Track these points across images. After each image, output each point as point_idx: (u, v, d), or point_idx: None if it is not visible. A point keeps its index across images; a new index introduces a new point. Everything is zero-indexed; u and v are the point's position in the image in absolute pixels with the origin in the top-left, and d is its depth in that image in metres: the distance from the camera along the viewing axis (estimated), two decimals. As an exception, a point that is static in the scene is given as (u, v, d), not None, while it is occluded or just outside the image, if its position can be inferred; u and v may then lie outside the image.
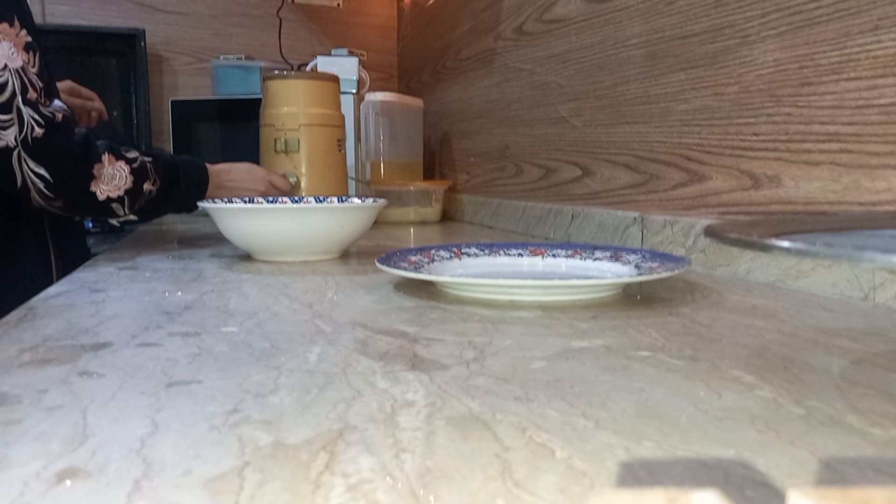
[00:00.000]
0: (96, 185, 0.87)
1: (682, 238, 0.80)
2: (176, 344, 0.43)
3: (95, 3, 1.93)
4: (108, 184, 0.87)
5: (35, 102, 0.81)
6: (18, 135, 0.80)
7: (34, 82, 0.82)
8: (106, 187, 0.87)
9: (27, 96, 0.81)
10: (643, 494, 0.16)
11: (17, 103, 0.80)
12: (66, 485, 0.24)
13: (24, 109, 0.80)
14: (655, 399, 0.32)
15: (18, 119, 0.80)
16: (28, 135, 0.80)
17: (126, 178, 0.89)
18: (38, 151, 0.81)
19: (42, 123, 0.81)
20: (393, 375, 0.36)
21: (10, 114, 0.79)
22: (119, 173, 0.88)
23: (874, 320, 0.50)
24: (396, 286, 0.64)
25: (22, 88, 0.80)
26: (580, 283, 0.55)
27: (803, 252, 0.26)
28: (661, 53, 0.85)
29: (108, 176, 0.87)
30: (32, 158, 0.81)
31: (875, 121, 0.58)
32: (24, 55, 0.82)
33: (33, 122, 0.81)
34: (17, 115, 0.80)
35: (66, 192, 0.85)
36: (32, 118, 0.81)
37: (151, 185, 0.92)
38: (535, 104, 1.21)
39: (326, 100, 1.20)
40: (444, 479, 0.24)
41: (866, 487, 0.22)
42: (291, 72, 1.21)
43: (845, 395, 0.33)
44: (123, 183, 0.88)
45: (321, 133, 1.19)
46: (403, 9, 2.13)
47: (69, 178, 0.84)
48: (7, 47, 0.80)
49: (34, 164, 0.82)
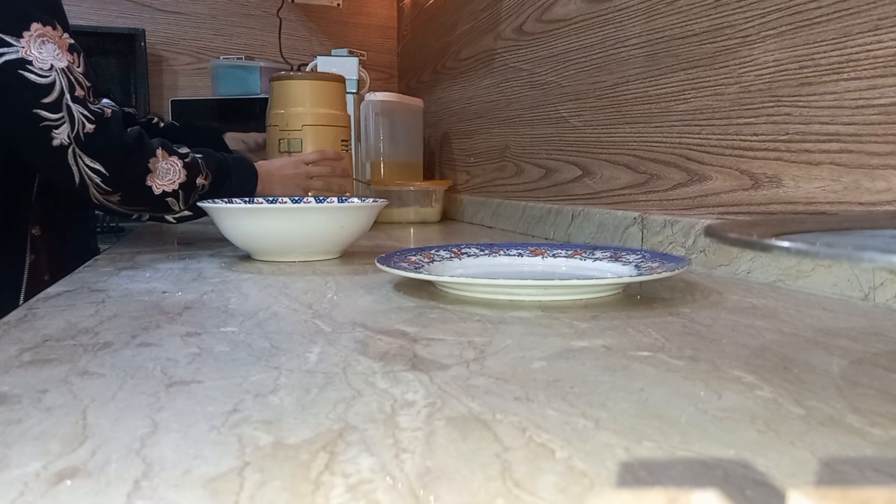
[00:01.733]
0: (151, 180, 0.88)
1: (682, 238, 0.80)
2: (176, 344, 0.43)
3: (95, 3, 1.93)
4: (163, 178, 0.89)
5: (83, 100, 0.83)
6: (70, 132, 0.82)
7: (81, 81, 0.83)
8: (161, 181, 0.89)
9: (75, 94, 0.82)
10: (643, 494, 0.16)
11: (66, 101, 0.81)
12: (66, 485, 0.24)
13: (74, 107, 0.82)
14: (655, 399, 0.32)
15: (69, 116, 0.82)
16: (80, 131, 0.82)
17: (179, 171, 0.90)
18: (92, 146, 0.83)
19: (92, 119, 0.83)
20: (393, 375, 0.36)
21: (61, 112, 0.81)
22: (173, 167, 0.90)
23: (874, 320, 0.50)
24: (396, 286, 0.64)
25: (70, 87, 0.82)
26: (580, 283, 0.55)
27: (803, 252, 0.26)
28: (661, 53, 0.85)
29: (162, 170, 0.89)
30: (86, 154, 0.83)
31: (875, 121, 0.58)
32: (68, 56, 0.83)
33: (83, 119, 0.82)
34: (68, 113, 0.81)
35: (123, 184, 0.87)
36: (82, 115, 0.82)
37: (204, 180, 0.93)
38: (535, 104, 1.21)
39: (331, 100, 1.20)
40: (444, 479, 0.24)
41: (866, 487, 0.22)
42: (298, 72, 1.22)
43: (845, 395, 0.33)
44: (177, 177, 0.90)
45: (326, 133, 1.19)
46: (403, 9, 2.13)
47: (124, 170, 0.86)
48: (52, 49, 0.82)
49: (89, 159, 0.83)
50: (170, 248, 0.97)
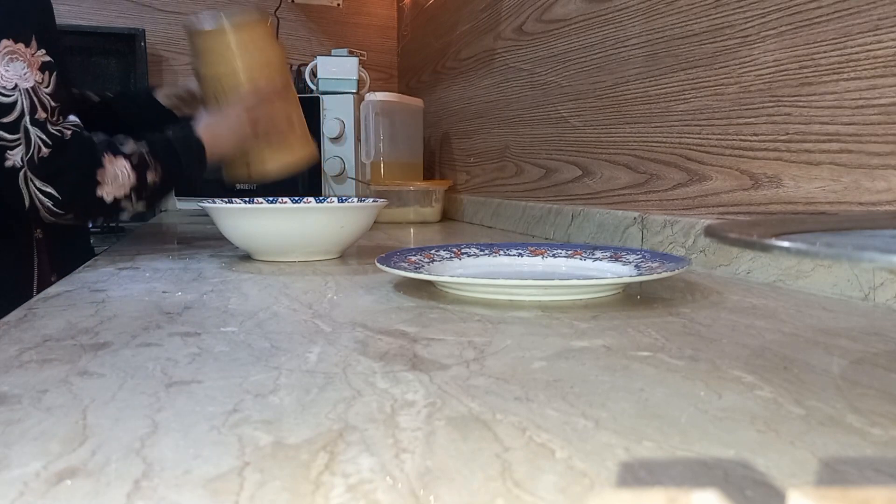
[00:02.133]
0: (102, 190, 0.86)
1: (682, 238, 0.80)
2: (176, 344, 0.43)
3: (95, 3, 1.93)
4: (113, 184, 0.86)
5: (44, 122, 0.81)
6: (25, 155, 0.80)
7: (45, 102, 0.81)
8: (111, 189, 0.86)
9: (35, 116, 0.80)
10: (643, 494, 0.16)
11: (25, 123, 0.80)
12: (66, 485, 0.24)
13: (32, 129, 0.80)
14: (655, 399, 0.32)
15: (25, 139, 0.80)
16: (35, 154, 0.80)
17: (129, 174, 0.87)
18: (45, 171, 0.81)
19: (49, 144, 0.81)
20: (393, 375, 0.36)
21: (18, 134, 0.79)
22: (121, 173, 0.87)
23: (874, 320, 0.50)
24: (396, 286, 0.64)
25: (31, 108, 0.80)
26: (580, 283, 0.55)
27: (803, 252, 0.26)
28: (661, 53, 0.85)
29: (111, 177, 0.86)
30: (38, 178, 0.81)
31: (875, 121, 0.58)
32: (38, 75, 0.81)
33: (40, 142, 0.80)
34: (25, 135, 0.80)
35: (75, 206, 0.84)
36: (39, 138, 0.80)
37: (155, 176, 0.90)
38: (535, 104, 1.21)
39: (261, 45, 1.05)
40: (444, 479, 0.24)
41: (866, 487, 0.22)
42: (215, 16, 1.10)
43: (845, 395, 0.33)
44: (127, 180, 0.87)
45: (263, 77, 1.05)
46: (403, 9, 2.13)
47: (76, 192, 0.84)
48: (20, 67, 0.80)
49: (40, 182, 0.81)
50: (170, 248, 0.97)
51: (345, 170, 1.60)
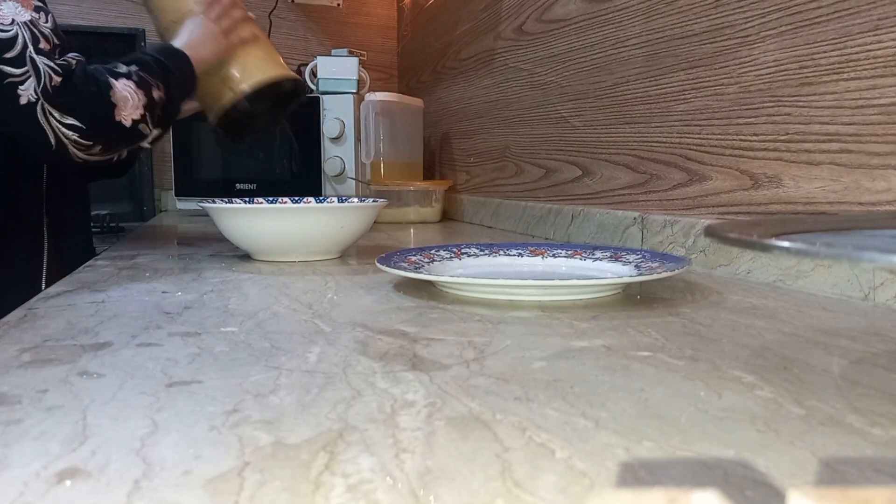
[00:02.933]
0: (119, 114, 0.83)
1: (682, 238, 0.80)
2: (176, 344, 0.43)
3: (95, 3, 1.93)
4: (126, 107, 0.83)
5: (50, 52, 0.78)
6: (37, 86, 0.76)
7: (46, 34, 0.79)
8: (126, 112, 0.83)
9: (39, 46, 0.77)
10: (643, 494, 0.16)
11: (30, 54, 0.76)
12: (66, 485, 0.24)
13: (39, 59, 0.77)
14: (655, 399, 0.32)
15: (34, 69, 0.76)
16: (47, 84, 0.77)
17: (136, 94, 0.84)
18: (62, 100, 0.78)
19: (59, 71, 0.78)
20: (393, 375, 0.36)
21: (25, 66, 0.76)
22: (129, 92, 0.84)
23: (874, 320, 0.50)
24: (396, 286, 0.64)
25: (33, 39, 0.77)
26: (580, 283, 0.55)
27: (803, 252, 0.26)
28: (661, 53, 0.85)
29: (122, 100, 0.83)
30: (57, 109, 0.78)
31: (875, 121, 0.58)
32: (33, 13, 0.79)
33: (50, 71, 0.77)
34: (33, 66, 0.76)
35: (100, 133, 0.81)
36: (48, 66, 0.77)
37: (159, 91, 0.87)
38: (535, 104, 1.21)
39: None
40: (444, 479, 0.24)
41: (866, 487, 0.22)
42: None
43: (845, 395, 0.33)
44: (138, 100, 0.84)
45: None
46: (403, 9, 2.13)
47: (98, 118, 0.81)
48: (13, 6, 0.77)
49: (60, 114, 0.78)
50: (170, 248, 0.97)
51: (345, 170, 1.60)
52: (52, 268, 1.00)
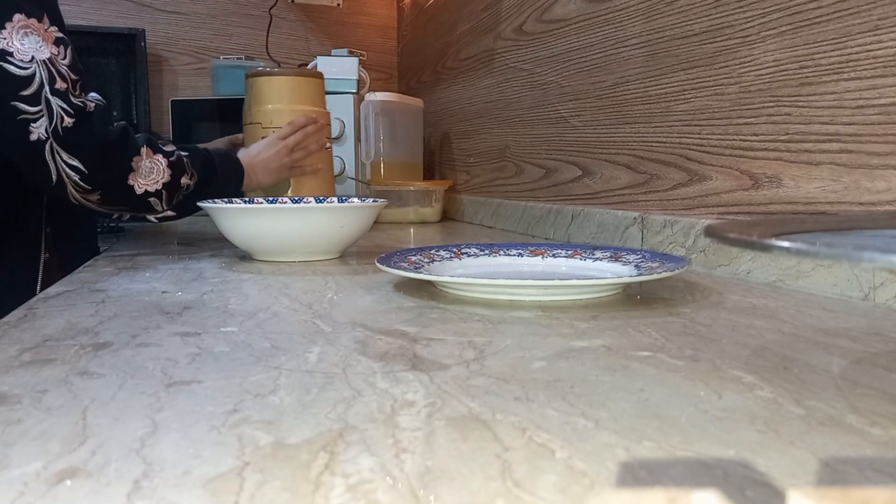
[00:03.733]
0: (134, 179, 0.85)
1: (682, 238, 0.80)
2: (176, 344, 0.43)
3: (95, 3, 1.93)
4: (146, 177, 0.86)
5: (65, 92, 0.80)
6: (49, 125, 0.78)
7: (63, 73, 0.80)
8: (144, 181, 0.86)
9: (55, 86, 0.79)
10: (643, 494, 0.16)
11: (45, 94, 0.78)
12: (66, 485, 0.24)
13: (53, 100, 0.79)
14: (655, 399, 0.32)
15: (48, 109, 0.78)
16: (58, 125, 0.79)
17: (164, 171, 0.87)
18: (70, 141, 0.80)
19: (72, 113, 0.80)
20: (393, 375, 0.36)
21: (39, 105, 0.78)
22: (157, 166, 0.87)
23: (874, 320, 0.50)
24: (396, 286, 0.64)
25: (49, 79, 0.79)
26: (580, 283, 0.55)
27: (803, 252, 0.26)
28: (661, 53, 0.85)
29: (145, 169, 0.86)
30: (64, 149, 0.80)
31: (875, 121, 0.58)
32: (53, 48, 0.80)
33: (62, 113, 0.79)
34: (46, 106, 0.78)
35: (103, 183, 0.83)
36: (62, 108, 0.79)
37: (189, 179, 0.90)
38: (535, 104, 1.21)
39: (310, 97, 1.18)
40: (444, 479, 0.24)
41: (866, 487, 0.22)
42: (275, 69, 1.21)
43: (845, 395, 0.33)
44: (161, 176, 0.87)
45: None
46: (403, 9, 2.13)
47: (105, 168, 0.83)
48: (35, 41, 0.79)
49: (67, 155, 0.80)
50: (170, 248, 0.97)
51: (345, 170, 1.60)
52: (52, 268, 1.00)
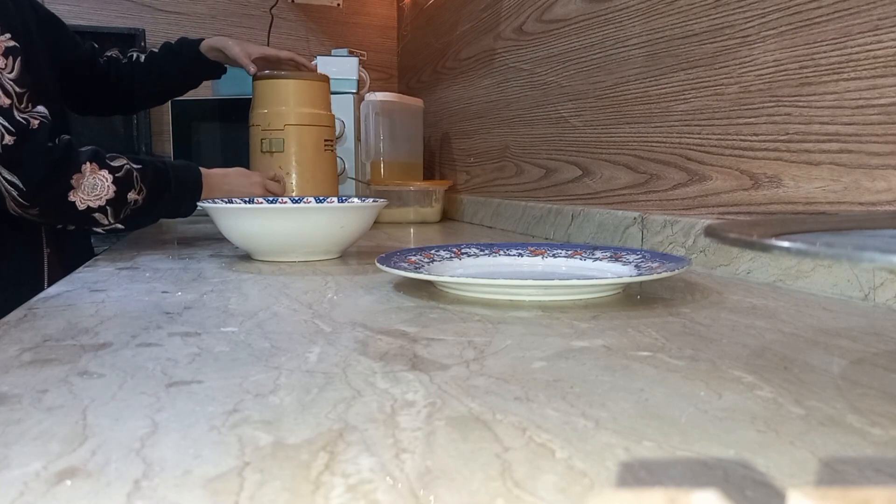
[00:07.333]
0: (75, 195, 0.86)
1: (682, 238, 0.80)
2: (176, 344, 0.43)
3: (95, 3, 1.93)
4: (89, 193, 0.86)
5: (8, 109, 0.80)
6: None
7: (8, 88, 0.81)
8: (86, 197, 0.86)
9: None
10: (643, 494, 0.16)
11: None
12: (66, 485, 0.24)
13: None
14: (655, 399, 0.32)
15: None
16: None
17: (108, 187, 0.87)
18: (10, 158, 0.81)
19: (13, 131, 0.80)
20: (393, 375, 0.36)
21: None
22: (101, 183, 0.87)
23: (874, 320, 0.50)
24: (396, 286, 0.64)
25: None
26: (580, 283, 0.55)
27: (803, 252, 0.26)
28: (661, 53, 0.85)
29: (88, 186, 0.86)
30: (4, 166, 0.81)
31: (875, 121, 0.58)
32: (1, 60, 0.81)
33: (3, 131, 0.80)
34: None
35: (42, 200, 0.84)
36: (3, 126, 0.80)
37: (136, 195, 0.90)
38: (535, 104, 1.21)
39: (314, 99, 1.18)
40: (444, 479, 0.24)
41: (866, 487, 0.22)
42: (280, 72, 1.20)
43: (845, 395, 0.33)
44: (105, 193, 0.87)
45: (308, 133, 1.17)
46: (403, 9, 2.13)
47: (44, 186, 0.83)
48: None
49: (6, 171, 0.81)
50: (170, 248, 0.97)
51: (345, 170, 1.60)
52: (54, 263, 1.00)
